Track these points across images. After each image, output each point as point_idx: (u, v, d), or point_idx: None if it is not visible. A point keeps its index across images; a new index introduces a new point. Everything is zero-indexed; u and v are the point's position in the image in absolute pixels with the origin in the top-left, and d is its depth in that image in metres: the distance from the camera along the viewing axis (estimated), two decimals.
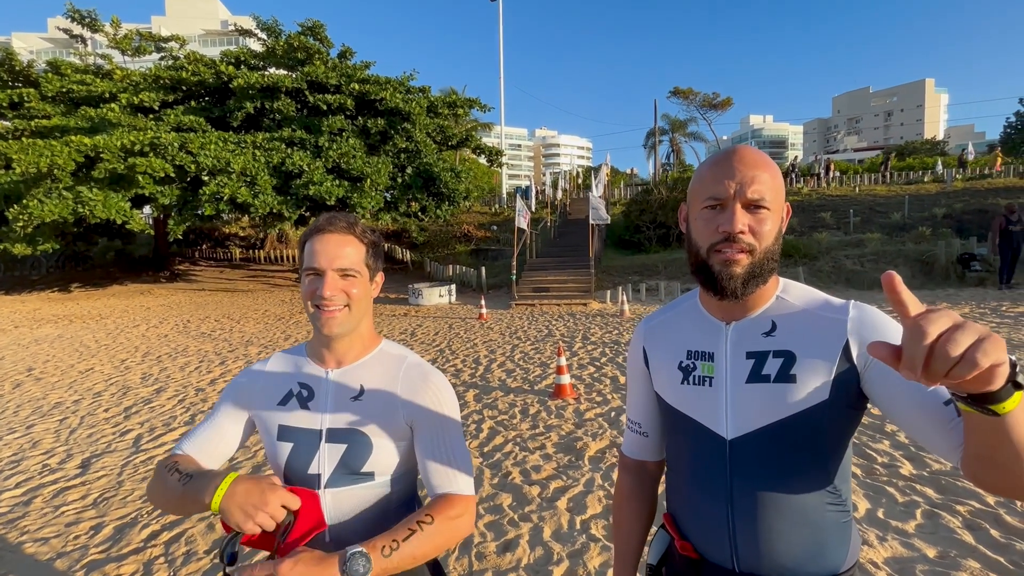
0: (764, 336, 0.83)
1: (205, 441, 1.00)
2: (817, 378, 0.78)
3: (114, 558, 2.71)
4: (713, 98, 44.53)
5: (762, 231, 0.79)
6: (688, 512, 0.90)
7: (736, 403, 0.83)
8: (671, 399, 0.91)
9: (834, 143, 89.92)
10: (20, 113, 17.65)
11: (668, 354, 0.93)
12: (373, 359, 1.03)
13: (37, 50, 53.17)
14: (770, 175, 0.79)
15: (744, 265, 0.79)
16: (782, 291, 0.87)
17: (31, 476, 3.76)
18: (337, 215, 0.99)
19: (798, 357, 0.80)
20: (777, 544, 0.80)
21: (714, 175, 0.80)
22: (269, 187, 14.61)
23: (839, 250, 14.33)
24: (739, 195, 0.78)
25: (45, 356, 7.90)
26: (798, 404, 0.78)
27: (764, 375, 0.81)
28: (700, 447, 0.87)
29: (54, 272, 20.34)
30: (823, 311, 0.83)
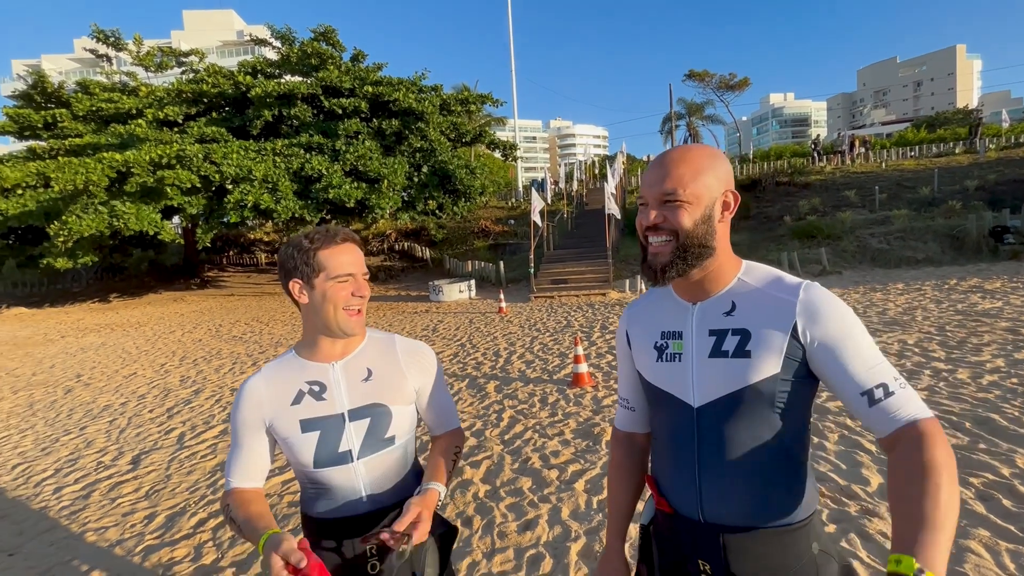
0: (725, 315, 0.92)
1: (245, 469, 1.10)
2: (769, 354, 0.87)
3: (167, 543, 2.95)
4: (730, 79, 43.53)
5: (677, 219, 0.88)
6: (665, 472, 1.01)
7: (701, 375, 0.92)
8: (649, 375, 1.01)
9: (860, 118, 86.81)
10: (54, 133, 18.50)
11: (646, 336, 1.03)
12: (368, 346, 1.18)
13: (66, 71, 55.24)
14: (690, 169, 0.88)
15: (666, 253, 0.90)
16: (743, 273, 0.95)
17: (88, 472, 4.07)
18: (333, 227, 1.11)
19: (753, 335, 0.89)
20: (736, 498, 0.90)
21: (645, 179, 0.92)
22: (290, 192, 15.01)
23: (864, 228, 13.99)
24: (653, 195, 0.90)
25: (91, 363, 8.38)
26: (752, 376, 0.87)
27: (724, 351, 0.90)
28: (673, 415, 0.97)
29: (94, 284, 21.30)
30: (777, 291, 0.90)
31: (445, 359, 6.89)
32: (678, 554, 0.98)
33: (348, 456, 1.09)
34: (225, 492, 1.10)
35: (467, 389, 5.45)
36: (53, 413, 5.77)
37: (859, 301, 8.45)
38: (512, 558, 2.53)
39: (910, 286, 9.41)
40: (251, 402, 1.10)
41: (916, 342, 5.69)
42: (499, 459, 3.68)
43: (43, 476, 4.06)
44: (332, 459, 1.09)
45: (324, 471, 1.09)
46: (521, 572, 2.42)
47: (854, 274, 11.32)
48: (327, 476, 1.10)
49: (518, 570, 2.43)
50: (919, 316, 6.96)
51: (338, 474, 1.10)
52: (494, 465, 3.60)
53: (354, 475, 1.10)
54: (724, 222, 0.93)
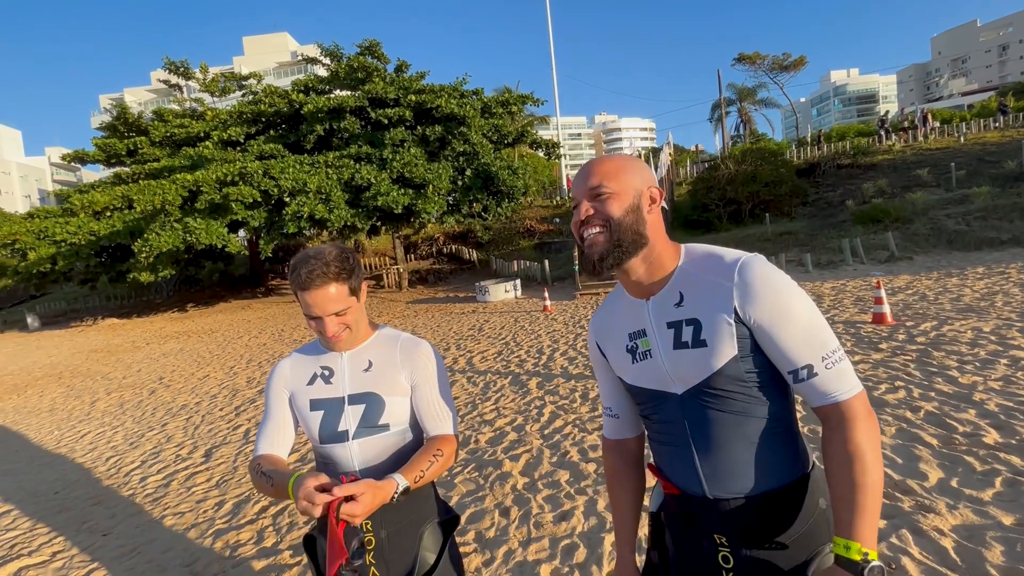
0: (675, 307, 0.95)
1: (272, 438, 1.25)
2: (722, 339, 0.89)
3: (234, 527, 3.23)
4: (783, 59, 41.27)
5: (607, 209, 0.92)
6: (665, 459, 1.04)
7: (672, 367, 0.95)
8: (630, 379, 1.04)
9: (936, 89, 79.76)
10: (136, 159, 20.35)
11: (616, 342, 1.05)
12: (374, 341, 1.30)
13: (144, 101, 60.45)
14: (612, 166, 0.95)
15: (600, 243, 0.93)
16: (684, 260, 0.97)
17: (168, 464, 4.50)
18: (312, 260, 1.15)
19: (703, 323, 0.91)
20: (732, 469, 0.93)
21: (573, 182, 1.00)
22: (342, 202, 15.73)
23: (938, 209, 12.91)
24: (583, 190, 0.95)
25: (171, 367, 9.18)
26: (715, 363, 0.90)
27: (684, 342, 0.93)
28: (662, 407, 1.00)
29: (173, 295, 23.22)
30: (715, 276, 0.92)
31: (489, 357, 7.02)
32: (694, 533, 1.00)
33: (345, 435, 1.23)
34: (253, 458, 1.24)
35: (510, 386, 5.54)
36: (140, 412, 6.39)
37: (931, 288, 7.83)
38: (547, 547, 2.58)
39: (992, 270, 8.61)
40: (279, 378, 1.29)
41: (993, 329, 5.23)
42: (538, 453, 3.74)
43: (131, 467, 4.53)
44: (332, 436, 1.23)
45: (327, 447, 1.24)
46: (555, 560, 2.47)
47: (927, 259, 10.48)
48: (329, 451, 1.24)
49: (552, 559, 2.49)
50: (999, 302, 6.37)
51: (337, 450, 1.24)
52: (533, 458, 3.66)
53: (350, 453, 1.23)
54: (653, 213, 0.95)
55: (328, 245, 1.21)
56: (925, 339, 5.22)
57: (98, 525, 3.49)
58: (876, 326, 5.99)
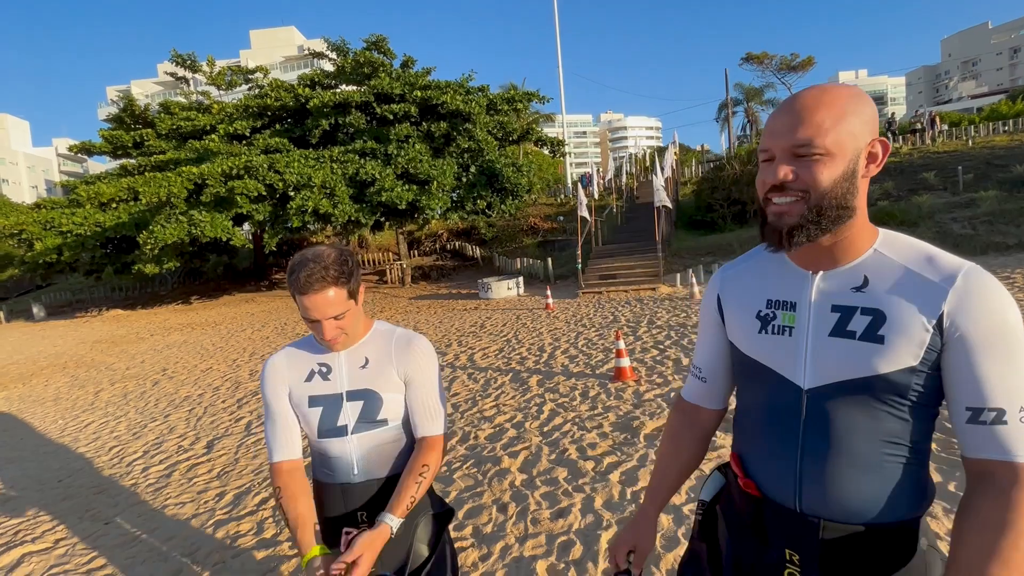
0: (854, 291, 0.80)
1: (282, 439, 1.27)
2: (907, 343, 0.75)
3: (234, 518, 3.26)
4: (791, 59, 41.04)
5: (811, 176, 0.75)
6: (756, 453, 0.91)
7: (816, 354, 0.82)
8: (746, 348, 0.91)
9: (945, 92, 79.10)
10: (142, 151, 20.43)
11: (745, 303, 0.92)
12: (371, 338, 1.30)
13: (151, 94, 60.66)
14: (831, 113, 0.74)
15: (794, 214, 0.77)
16: (881, 244, 0.82)
17: (170, 455, 4.54)
18: (310, 263, 1.12)
19: (888, 318, 0.77)
20: (842, 489, 0.81)
21: (771, 123, 0.79)
22: (346, 197, 15.77)
23: (944, 213, 12.84)
24: (782, 147, 0.76)
25: (175, 358, 9.24)
26: (883, 366, 0.76)
27: (850, 331, 0.79)
28: (774, 394, 0.87)
29: (177, 287, 23.33)
30: (926, 272, 0.77)
31: (490, 354, 7.04)
32: (759, 540, 0.90)
33: (344, 430, 1.25)
34: (271, 467, 1.27)
35: (510, 383, 5.56)
36: (143, 402, 6.44)
37: None
38: (544, 543, 2.60)
39: (997, 274, 8.49)
40: (274, 374, 1.29)
41: None
42: (537, 450, 3.76)
43: (134, 457, 4.57)
44: (331, 431, 1.25)
45: (324, 441, 1.26)
46: (552, 557, 2.49)
47: None
48: (327, 446, 1.26)
49: (548, 555, 2.50)
50: None
51: (335, 445, 1.25)
52: (532, 455, 3.68)
53: (348, 448, 1.25)
54: (867, 177, 0.79)
55: (326, 247, 1.19)
56: None
57: (101, 513, 3.53)
58: None
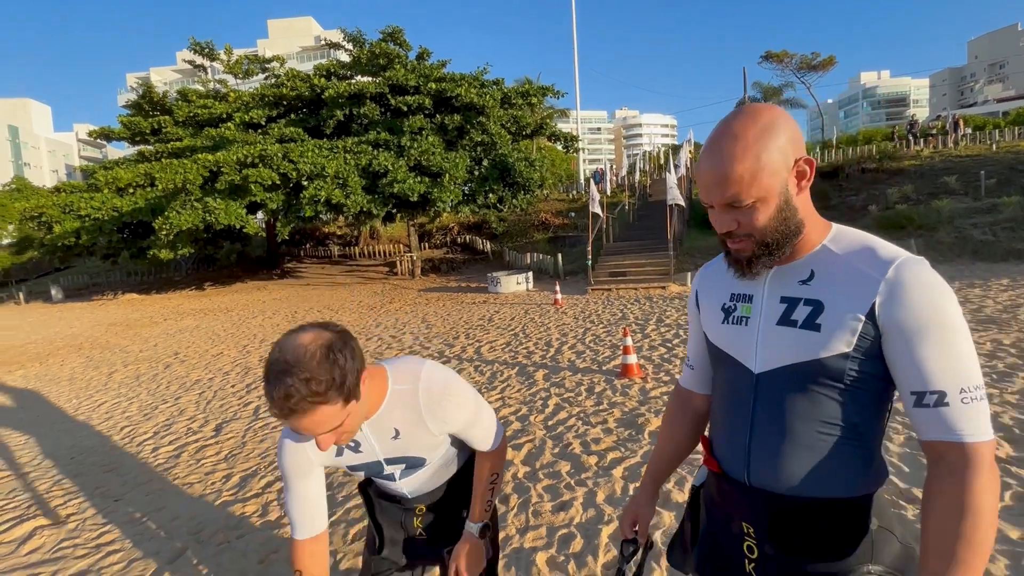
0: (800, 283, 0.87)
1: (306, 516, 1.14)
2: (840, 331, 0.81)
3: (240, 500, 3.31)
4: (812, 59, 40.23)
5: (752, 221, 0.82)
6: (718, 433, 1.01)
7: (765, 341, 0.89)
8: (713, 337, 1.00)
9: (970, 95, 77.32)
10: (160, 137, 20.67)
11: (715, 297, 1.01)
12: (391, 403, 1.14)
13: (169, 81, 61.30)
14: (748, 163, 0.78)
15: (746, 251, 0.86)
16: (830, 240, 0.88)
17: (179, 436, 4.61)
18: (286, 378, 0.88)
19: (826, 308, 0.83)
20: (785, 464, 0.87)
21: (700, 179, 0.85)
22: (359, 188, 15.84)
23: (964, 218, 12.59)
24: (717, 202, 0.84)
25: (187, 343, 9.37)
26: (819, 351, 0.82)
27: (793, 320, 0.86)
28: (733, 378, 0.95)
29: (191, 273, 23.66)
30: (864, 265, 0.82)
31: (497, 348, 7.05)
32: (724, 514, 0.99)
33: (392, 477, 1.29)
34: (292, 542, 1.15)
35: (516, 376, 5.56)
36: (154, 385, 6.55)
37: None
38: (544, 536, 2.60)
39: (1017, 282, 8.38)
40: (296, 453, 1.14)
41: (1014, 342, 5.10)
42: (540, 443, 3.76)
43: (144, 437, 4.65)
44: (378, 476, 1.32)
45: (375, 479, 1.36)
46: (552, 549, 2.49)
47: (950, 268, 10.23)
48: (375, 481, 1.37)
49: (549, 547, 2.50)
50: (1023, 315, 6.21)
51: (384, 483, 1.34)
52: (535, 448, 3.68)
53: (398, 485, 1.32)
54: (803, 192, 0.84)
55: (309, 335, 0.93)
56: None
57: (111, 491, 3.60)
58: None
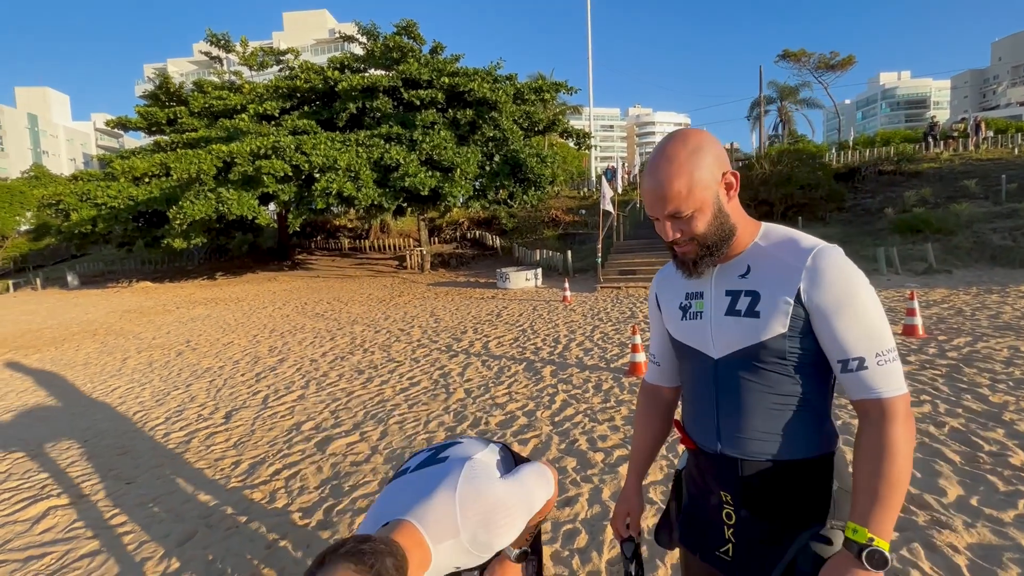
0: (740, 278, 1.00)
1: None
2: (776, 314, 0.94)
3: (248, 486, 3.35)
4: (830, 58, 39.67)
5: (692, 228, 0.95)
6: (689, 415, 1.13)
7: (718, 331, 1.02)
8: (675, 333, 1.12)
9: (992, 97, 75.70)
10: (175, 128, 20.87)
11: (672, 298, 1.13)
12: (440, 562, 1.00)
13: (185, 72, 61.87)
14: (682, 180, 0.91)
15: (692, 254, 0.99)
16: (761, 237, 1.01)
17: (190, 422, 4.68)
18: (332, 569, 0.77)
19: (762, 296, 0.96)
20: (747, 433, 1.00)
21: (644, 196, 0.97)
22: (370, 181, 15.88)
23: (984, 223, 12.34)
24: (661, 214, 0.96)
25: (198, 331, 9.49)
26: (761, 335, 0.95)
27: (737, 310, 0.99)
28: (696, 366, 1.08)
29: (203, 263, 23.92)
30: (787, 257, 0.96)
31: (505, 343, 7.05)
32: (704, 487, 1.10)
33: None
34: None
35: (523, 372, 5.56)
36: (166, 371, 6.64)
37: (968, 303, 7.52)
38: (549, 530, 2.60)
39: None
40: None
41: None
42: (547, 439, 3.76)
43: (156, 423, 4.72)
44: None
45: None
46: (556, 544, 2.49)
47: (967, 273, 10.05)
48: None
49: (553, 542, 2.51)
50: None
51: None
52: (541, 444, 3.68)
53: None
54: (733, 200, 0.98)
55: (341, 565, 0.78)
56: (957, 354, 5.03)
57: (123, 474, 3.66)
58: (906, 338, 5.79)
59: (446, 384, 5.30)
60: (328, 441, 4.00)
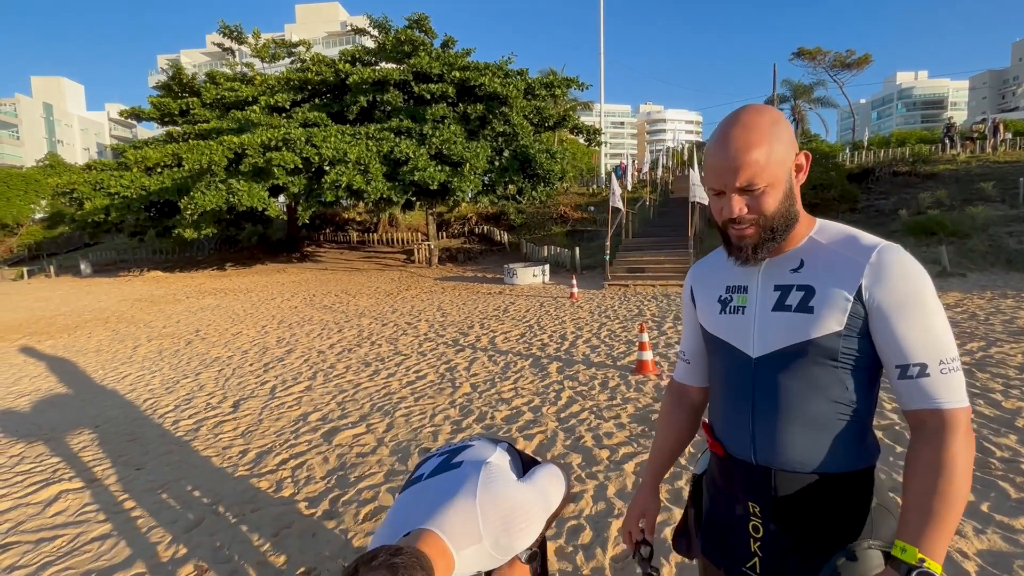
0: (792, 272, 0.93)
1: None
2: (832, 311, 0.87)
3: (255, 475, 3.38)
4: (846, 56, 39.05)
5: (760, 206, 0.88)
6: (720, 417, 1.04)
7: (762, 327, 0.95)
8: (711, 327, 1.05)
9: (1012, 99, 74.32)
10: (188, 119, 21.01)
11: (710, 290, 1.06)
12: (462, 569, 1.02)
13: (198, 64, 62.14)
14: (762, 150, 0.84)
15: (754, 236, 0.91)
16: (816, 232, 0.95)
17: (198, 411, 4.72)
18: None
19: (817, 291, 0.89)
20: (787, 441, 0.92)
21: (711, 166, 0.89)
22: (380, 174, 15.90)
23: (1000, 226, 12.13)
24: (730, 186, 0.87)
25: (208, 321, 9.58)
26: (813, 332, 0.88)
27: (787, 305, 0.92)
28: (731, 364, 1.00)
29: (213, 254, 24.10)
30: (848, 251, 0.90)
31: (512, 338, 7.05)
32: (729, 497, 1.03)
33: None
34: None
35: (530, 368, 5.56)
36: (176, 360, 6.71)
37: (983, 308, 7.41)
38: (553, 527, 2.60)
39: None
40: None
41: None
42: (552, 435, 3.76)
43: (166, 410, 4.78)
44: None
45: None
46: (561, 539, 2.49)
47: (982, 277, 9.90)
48: None
49: (558, 537, 2.51)
50: None
51: None
52: (547, 440, 3.68)
53: None
54: (798, 183, 0.92)
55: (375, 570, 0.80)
56: (970, 359, 4.96)
57: (132, 460, 3.71)
58: None
59: (452, 378, 5.31)
60: (334, 432, 4.03)
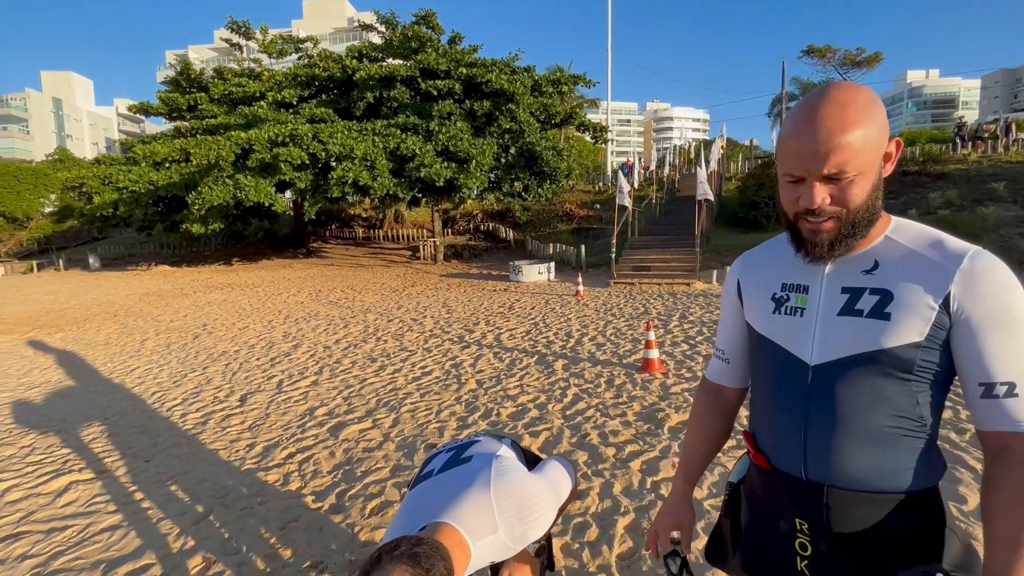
0: (864, 274, 0.84)
1: None
2: (912, 319, 0.79)
3: (262, 468, 3.40)
4: (856, 54, 38.72)
5: (847, 197, 0.78)
6: (766, 427, 0.96)
7: (825, 332, 0.86)
8: (761, 327, 0.96)
9: None
10: (195, 114, 21.10)
11: (762, 286, 0.97)
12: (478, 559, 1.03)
13: (206, 59, 62.35)
14: (859, 133, 0.74)
15: (831, 231, 0.81)
16: (892, 231, 0.86)
17: (206, 404, 4.76)
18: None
19: (895, 297, 0.80)
20: (844, 457, 0.84)
21: (794, 146, 0.78)
22: (386, 170, 15.92)
23: (1012, 227, 12.00)
24: (815, 173, 0.77)
25: (215, 315, 9.63)
26: (888, 340, 0.80)
27: (857, 310, 0.83)
28: (783, 370, 0.91)
29: (220, 248, 24.24)
30: (933, 254, 0.81)
31: (517, 336, 7.05)
32: (772, 512, 0.95)
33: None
34: None
35: (535, 365, 5.56)
36: (184, 354, 6.76)
37: None
38: (559, 523, 2.60)
39: None
40: None
41: None
42: (558, 432, 3.76)
43: (174, 403, 4.81)
44: None
45: None
46: (567, 536, 2.49)
47: None
48: None
49: (564, 534, 2.51)
50: None
51: None
52: (552, 437, 3.68)
53: None
54: (885, 174, 0.83)
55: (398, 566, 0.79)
56: None
57: (141, 452, 3.74)
58: None
59: (458, 375, 5.32)
60: (341, 427, 4.05)
